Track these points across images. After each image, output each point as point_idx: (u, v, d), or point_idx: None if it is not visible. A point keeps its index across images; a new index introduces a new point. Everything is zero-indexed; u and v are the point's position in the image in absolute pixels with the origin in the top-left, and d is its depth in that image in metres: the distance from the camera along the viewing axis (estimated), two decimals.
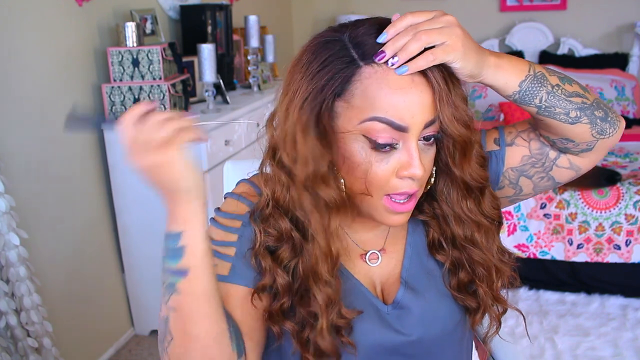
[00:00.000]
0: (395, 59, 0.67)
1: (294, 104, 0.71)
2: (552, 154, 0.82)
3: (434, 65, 0.68)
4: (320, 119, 0.70)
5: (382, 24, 0.70)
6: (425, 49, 0.67)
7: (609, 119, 0.77)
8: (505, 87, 0.73)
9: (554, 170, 0.83)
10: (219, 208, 0.83)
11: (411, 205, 0.75)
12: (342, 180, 0.74)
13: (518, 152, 0.83)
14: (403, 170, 0.71)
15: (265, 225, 0.76)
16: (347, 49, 0.69)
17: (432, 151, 0.74)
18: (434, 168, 0.78)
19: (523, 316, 0.87)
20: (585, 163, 0.82)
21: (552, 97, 0.74)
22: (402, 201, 0.73)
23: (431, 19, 0.68)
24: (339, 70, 0.69)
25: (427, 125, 0.70)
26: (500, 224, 0.83)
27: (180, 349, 0.68)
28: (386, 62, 0.67)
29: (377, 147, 0.70)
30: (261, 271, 0.76)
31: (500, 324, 0.85)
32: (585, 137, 0.77)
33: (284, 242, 0.75)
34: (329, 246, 0.74)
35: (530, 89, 0.73)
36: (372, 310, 0.79)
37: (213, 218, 0.81)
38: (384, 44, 0.68)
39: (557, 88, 0.74)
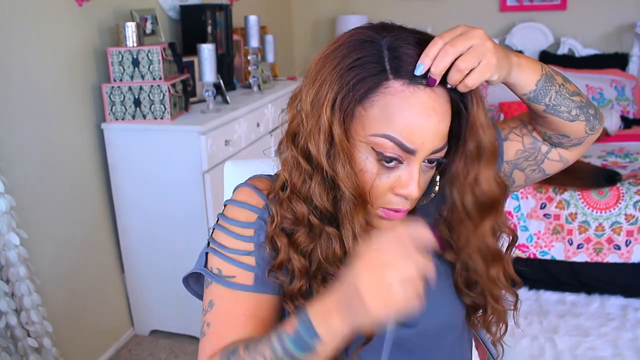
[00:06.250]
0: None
1: (324, 97, 0.69)
2: (544, 148, 0.86)
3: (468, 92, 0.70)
4: (345, 119, 0.69)
5: (422, 40, 0.69)
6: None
7: (597, 115, 0.82)
8: (525, 85, 0.74)
9: (545, 163, 0.87)
10: (223, 214, 0.80)
11: (403, 215, 0.74)
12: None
13: (512, 147, 0.86)
14: (400, 189, 0.71)
15: (281, 208, 0.75)
16: (382, 56, 0.68)
17: (431, 173, 0.75)
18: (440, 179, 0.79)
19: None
20: (572, 156, 0.87)
21: (559, 96, 0.77)
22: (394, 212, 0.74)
23: (461, 34, 0.66)
24: (367, 75, 0.68)
25: (434, 152, 0.70)
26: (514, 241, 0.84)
27: None
28: (425, 77, 0.67)
29: (383, 160, 0.70)
30: (277, 250, 0.75)
31: (507, 325, 0.86)
32: (579, 133, 0.82)
33: (301, 226, 0.74)
34: (368, 225, 0.73)
35: (543, 87, 0.75)
36: None
37: (220, 224, 0.79)
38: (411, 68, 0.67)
39: (562, 87, 0.77)
